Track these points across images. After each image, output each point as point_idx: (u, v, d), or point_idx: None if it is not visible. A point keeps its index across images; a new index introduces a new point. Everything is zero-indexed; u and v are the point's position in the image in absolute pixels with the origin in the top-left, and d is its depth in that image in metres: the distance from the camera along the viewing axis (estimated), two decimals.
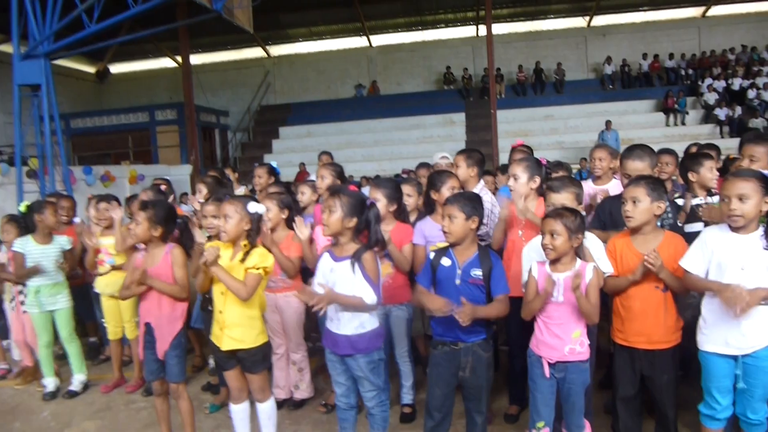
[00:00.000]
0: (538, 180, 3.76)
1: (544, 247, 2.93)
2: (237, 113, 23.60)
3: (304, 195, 4.86)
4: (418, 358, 4.39)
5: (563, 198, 3.26)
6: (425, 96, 22.44)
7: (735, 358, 2.77)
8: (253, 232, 3.25)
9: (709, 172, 3.85)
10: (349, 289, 2.96)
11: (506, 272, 3.11)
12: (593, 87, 21.80)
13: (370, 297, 2.96)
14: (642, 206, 2.99)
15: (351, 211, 3.01)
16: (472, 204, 3.03)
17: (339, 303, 2.98)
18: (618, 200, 3.34)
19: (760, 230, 2.75)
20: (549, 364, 2.95)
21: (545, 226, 2.92)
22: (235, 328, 3.23)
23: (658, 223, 3.16)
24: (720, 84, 19.87)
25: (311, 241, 4.00)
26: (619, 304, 3.14)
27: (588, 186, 4.23)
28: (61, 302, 4.91)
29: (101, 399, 4.82)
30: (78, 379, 4.99)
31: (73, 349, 5.00)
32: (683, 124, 19.41)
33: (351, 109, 22.14)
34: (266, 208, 3.90)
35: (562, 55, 22.06)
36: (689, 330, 3.05)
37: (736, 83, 19.69)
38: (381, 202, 3.82)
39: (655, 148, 5.65)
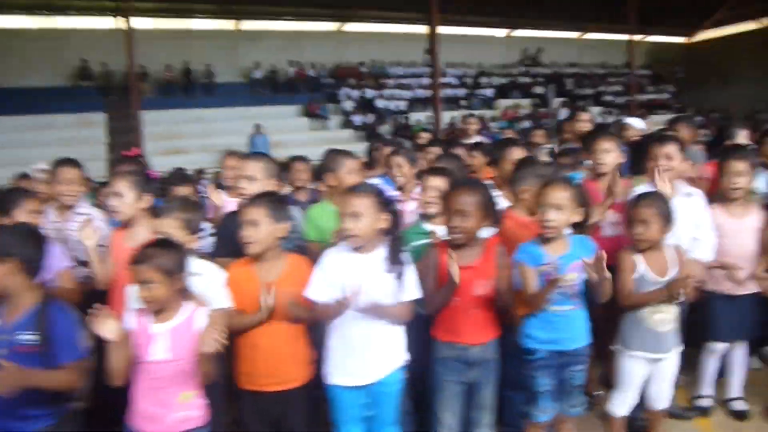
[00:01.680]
0: (147, 199, 3.20)
1: (140, 298, 2.38)
2: None
3: None
4: None
5: (167, 225, 2.78)
6: (57, 92, 19.66)
7: (361, 387, 2.69)
8: None
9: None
10: None
11: None
12: (244, 90, 21.91)
13: None
14: (263, 229, 2.67)
15: None
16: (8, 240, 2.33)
17: None
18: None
19: (382, 251, 2.69)
20: None
21: (135, 274, 2.35)
22: None
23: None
24: (355, 93, 21.93)
25: None
26: (243, 343, 2.75)
27: None
28: None
29: None
30: None
31: None
32: (326, 129, 20.88)
33: None
34: None
35: (212, 57, 21.60)
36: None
37: (368, 93, 21.97)
38: None
39: (302, 152, 5.62)
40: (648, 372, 3.07)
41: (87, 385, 2.50)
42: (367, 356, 2.67)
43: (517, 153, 3.76)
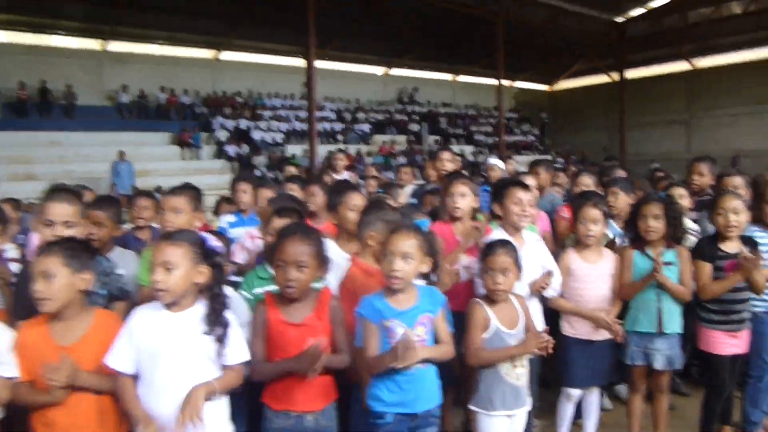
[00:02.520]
0: None
1: None
2: None
3: None
4: None
5: None
6: None
7: None
8: None
9: None
10: None
11: None
12: (108, 114, 20.56)
13: None
14: (59, 282, 2.25)
15: None
16: None
17: None
18: None
19: (199, 309, 2.33)
20: None
21: None
22: None
23: None
24: (230, 123, 21.33)
25: None
26: (36, 420, 2.29)
27: None
28: None
29: None
30: None
31: None
32: (198, 158, 20.06)
33: None
34: None
35: (73, 77, 20.08)
36: None
37: (243, 123, 21.45)
38: None
39: (174, 182, 5.12)
40: (508, 428, 2.93)
41: None
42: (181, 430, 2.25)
43: (356, 198, 3.49)
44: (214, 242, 2.42)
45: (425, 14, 22.16)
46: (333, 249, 3.20)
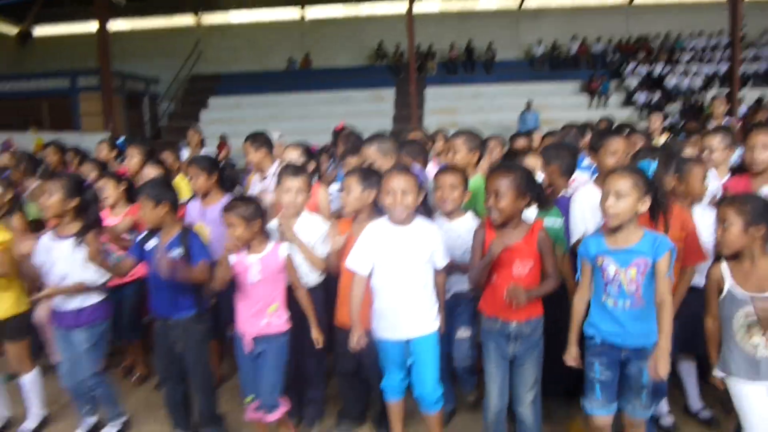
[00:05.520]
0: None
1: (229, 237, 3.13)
2: (167, 82, 22.96)
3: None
4: None
5: (294, 185, 3.37)
6: (357, 71, 22.23)
7: (405, 341, 3.04)
8: None
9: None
10: (67, 268, 3.23)
11: None
12: (523, 67, 22.02)
13: (90, 278, 3.25)
14: (353, 195, 3.22)
15: (70, 193, 3.24)
16: (160, 189, 3.18)
17: (62, 293, 3.25)
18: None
19: (417, 223, 3.00)
20: (251, 339, 3.14)
21: (224, 219, 3.08)
22: None
23: None
24: (642, 69, 20.35)
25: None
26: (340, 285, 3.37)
27: None
28: None
29: None
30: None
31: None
32: (605, 106, 19.83)
33: (281, 81, 21.78)
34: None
35: (494, 35, 22.14)
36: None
37: (657, 69, 20.19)
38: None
39: None
40: (761, 397, 2.53)
41: (216, 287, 3.25)
42: (403, 316, 2.98)
43: (616, 144, 3.41)
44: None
45: None
46: (592, 190, 3.37)
